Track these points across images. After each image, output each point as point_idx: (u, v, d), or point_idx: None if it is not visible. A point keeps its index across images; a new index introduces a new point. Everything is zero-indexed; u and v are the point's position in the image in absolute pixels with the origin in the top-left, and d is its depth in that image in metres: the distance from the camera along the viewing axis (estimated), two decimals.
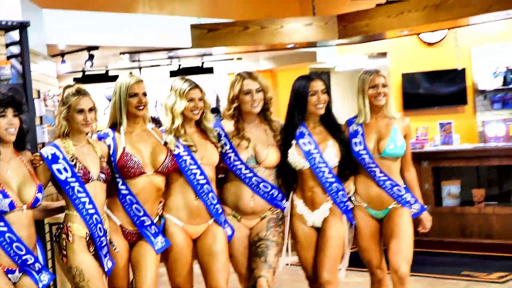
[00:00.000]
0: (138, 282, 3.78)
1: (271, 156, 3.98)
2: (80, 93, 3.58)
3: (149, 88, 3.89)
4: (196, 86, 3.93)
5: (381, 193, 4.02)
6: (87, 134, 3.64)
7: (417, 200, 4.12)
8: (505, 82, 9.90)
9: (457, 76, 9.98)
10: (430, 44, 10.25)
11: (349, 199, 4.11)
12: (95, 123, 3.64)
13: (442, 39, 10.09)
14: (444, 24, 7.94)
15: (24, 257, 3.27)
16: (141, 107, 3.78)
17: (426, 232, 4.26)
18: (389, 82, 4.11)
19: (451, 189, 7.91)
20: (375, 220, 4.11)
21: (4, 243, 3.20)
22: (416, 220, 4.15)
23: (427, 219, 4.18)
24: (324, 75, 11.75)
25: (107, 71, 10.41)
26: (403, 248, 3.97)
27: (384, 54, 10.56)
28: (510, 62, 9.87)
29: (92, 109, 3.58)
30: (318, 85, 4.01)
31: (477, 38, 9.89)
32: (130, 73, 3.91)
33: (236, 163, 3.94)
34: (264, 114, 4.10)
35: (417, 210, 4.10)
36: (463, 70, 9.92)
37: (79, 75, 9.77)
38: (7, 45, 6.15)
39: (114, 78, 10.44)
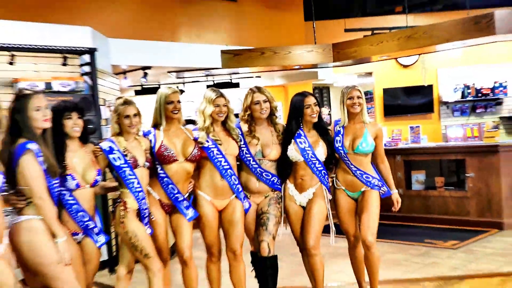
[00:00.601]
0: (178, 243, 3.84)
1: (274, 152, 4.00)
2: (126, 103, 3.65)
3: (191, 98, 3.89)
4: (222, 95, 3.93)
5: (354, 179, 4.06)
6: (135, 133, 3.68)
7: (384, 184, 4.12)
8: (463, 96, 9.98)
9: (426, 90, 10.03)
10: (405, 66, 10.31)
11: (333, 183, 4.17)
12: (140, 125, 3.70)
13: (414, 63, 10.16)
14: (413, 51, 7.96)
15: (86, 223, 3.37)
16: (176, 112, 3.82)
17: (400, 209, 4.35)
18: (363, 96, 4.10)
19: (418, 177, 7.93)
20: (352, 200, 4.14)
21: (72, 212, 3.32)
22: (390, 201, 4.18)
23: (397, 200, 4.19)
24: (324, 89, 11.81)
25: (159, 85, 10.50)
26: (370, 222, 4.00)
27: (370, 74, 10.60)
28: (467, 80, 9.92)
29: (137, 115, 3.64)
30: (311, 100, 4.02)
31: (442, 61, 9.93)
32: (169, 87, 3.95)
33: (247, 155, 3.97)
34: (271, 119, 4.10)
35: (384, 191, 4.12)
36: (431, 86, 9.97)
37: (138, 88, 9.85)
38: (81, 65, 6.30)
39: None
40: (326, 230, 4.12)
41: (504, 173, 6.93)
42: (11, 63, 5.65)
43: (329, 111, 11.36)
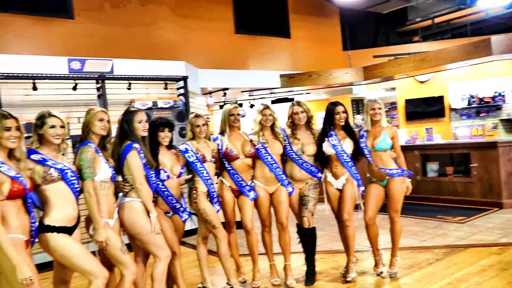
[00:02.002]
0: (243, 217, 3.80)
1: (311, 149, 3.89)
2: (197, 116, 3.63)
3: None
4: (267, 107, 3.86)
5: (378, 171, 3.87)
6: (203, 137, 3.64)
7: (403, 171, 3.86)
8: (469, 103, 9.40)
9: (438, 100, 9.49)
10: (421, 82, 9.78)
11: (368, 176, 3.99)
12: (208, 131, 3.67)
13: (429, 79, 9.62)
14: (425, 70, 7.64)
15: (174, 204, 3.37)
16: (236, 122, 3.79)
17: (417, 191, 4.13)
18: (382, 106, 3.90)
19: (432, 167, 7.49)
20: (382, 187, 3.90)
21: (165, 196, 3.32)
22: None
23: (409, 186, 3.92)
24: (360, 101, 11.46)
25: (236, 101, 10.60)
26: (393, 202, 3.85)
27: (394, 88, 10.16)
28: (471, 91, 9.33)
29: (205, 124, 3.60)
30: (340, 108, 3.88)
31: (451, 77, 9.38)
32: (231, 103, 3.91)
33: (290, 152, 3.87)
34: (308, 125, 3.98)
35: (406, 174, 3.88)
36: (442, 97, 9.42)
37: (221, 103, 9.96)
38: (177, 89, 6.41)
39: (240, 105, 10.67)
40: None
41: (502, 163, 6.46)
42: (128, 88, 5.82)
43: (362, 118, 11.00)
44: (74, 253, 2.56)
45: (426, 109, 9.73)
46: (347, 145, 3.88)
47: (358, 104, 11.12)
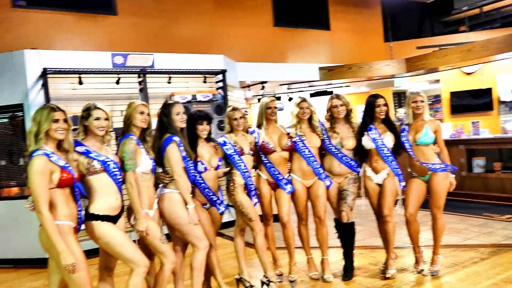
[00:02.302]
0: (279, 211, 3.80)
1: (350, 142, 3.83)
2: (234, 109, 3.64)
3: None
4: (304, 100, 3.82)
5: (420, 166, 3.75)
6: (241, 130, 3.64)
7: (447, 165, 3.73)
8: None
9: (485, 93, 9.07)
10: (468, 74, 9.36)
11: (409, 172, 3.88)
12: (246, 124, 3.66)
13: (476, 71, 9.20)
14: (472, 61, 7.30)
15: (211, 196, 3.39)
16: (273, 115, 3.78)
17: (462, 188, 3.93)
18: (425, 99, 3.77)
19: (478, 162, 7.19)
20: (424, 183, 3.81)
21: (202, 188, 3.34)
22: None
23: (452, 182, 3.79)
24: (402, 94, 11.16)
25: (274, 95, 10.57)
26: (435, 199, 3.73)
27: (438, 81, 9.80)
28: None
29: (242, 117, 3.60)
30: (381, 101, 3.79)
31: (500, 68, 8.92)
32: (268, 96, 3.89)
33: (329, 145, 3.83)
34: (347, 118, 3.92)
35: (450, 169, 3.75)
36: (490, 89, 8.99)
37: (259, 96, 9.95)
38: (216, 82, 6.47)
39: (279, 98, 10.64)
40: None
41: None
42: (169, 82, 5.94)
43: (405, 111, 10.69)
44: (117, 241, 2.65)
45: (473, 102, 9.31)
46: (388, 139, 3.79)
47: (400, 97, 10.83)
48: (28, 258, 5.25)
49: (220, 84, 6.35)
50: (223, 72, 6.28)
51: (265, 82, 8.64)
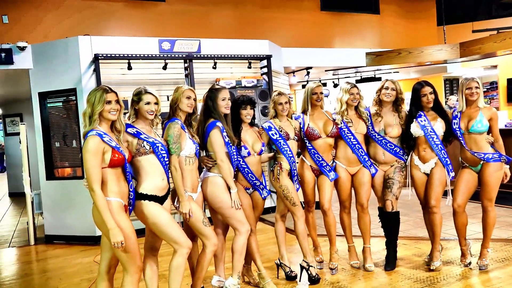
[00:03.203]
0: (321, 197, 3.76)
1: (395, 130, 3.73)
2: (279, 94, 3.62)
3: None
4: (355, 86, 3.76)
5: (472, 155, 3.60)
6: (286, 115, 3.64)
7: (501, 155, 3.56)
8: None
9: None
10: None
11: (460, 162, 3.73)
12: (291, 110, 3.64)
13: None
14: None
15: (254, 181, 3.40)
16: (319, 100, 3.72)
17: None
18: (481, 85, 3.59)
19: None
20: (476, 173, 3.64)
21: (245, 173, 3.37)
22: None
23: (507, 173, 3.61)
24: (454, 81, 10.69)
25: (320, 80, 10.43)
26: (486, 190, 3.58)
27: (495, 66, 9.30)
28: None
29: (287, 102, 3.59)
30: (427, 90, 3.64)
31: None
32: (314, 82, 3.85)
33: (372, 132, 3.76)
34: (396, 106, 3.82)
35: (504, 160, 3.57)
36: None
37: (304, 83, 9.87)
38: (261, 68, 6.47)
39: (324, 84, 10.49)
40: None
41: None
42: (214, 68, 6.01)
43: (457, 99, 10.25)
44: (163, 222, 2.73)
45: None
46: (438, 126, 3.65)
47: (453, 84, 10.38)
48: (79, 235, 5.56)
49: (265, 70, 6.35)
50: (268, 57, 6.27)
51: (310, 68, 8.54)
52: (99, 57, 5.34)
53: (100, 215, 2.47)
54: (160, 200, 2.78)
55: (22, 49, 5.62)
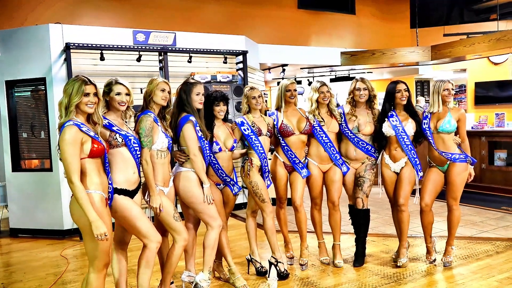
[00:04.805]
0: (293, 194, 3.79)
1: (368, 128, 3.79)
2: (252, 88, 3.62)
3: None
4: (324, 84, 3.78)
5: (439, 155, 3.69)
6: (260, 111, 3.64)
7: (467, 156, 3.67)
8: None
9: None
10: (496, 64, 9.07)
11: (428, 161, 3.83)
12: (264, 104, 3.64)
13: (504, 61, 8.91)
14: (502, 51, 7.06)
15: (224, 177, 3.40)
16: (292, 97, 3.74)
17: (482, 180, 3.79)
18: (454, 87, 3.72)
19: (500, 155, 7.05)
20: (442, 173, 3.74)
21: (215, 168, 3.35)
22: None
23: (471, 173, 3.73)
24: (425, 82, 10.95)
25: (295, 78, 10.48)
26: (452, 189, 3.69)
27: (464, 70, 9.55)
28: None
29: (260, 96, 3.59)
30: (402, 86, 3.72)
31: None
32: (288, 79, 3.86)
33: (346, 129, 3.80)
34: (370, 104, 3.87)
35: (470, 162, 3.68)
36: None
37: (279, 80, 9.90)
38: (236, 63, 6.45)
39: (299, 82, 10.54)
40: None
41: None
42: (189, 61, 5.94)
43: (426, 100, 10.51)
44: (133, 215, 2.69)
45: (499, 93, 9.03)
46: (409, 127, 3.73)
47: (423, 86, 10.63)
48: (46, 229, 5.42)
49: (241, 66, 6.33)
50: (243, 53, 6.26)
51: (286, 65, 8.57)
52: (71, 46, 5.20)
53: (79, 209, 2.39)
54: (130, 194, 2.74)
55: None
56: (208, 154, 3.26)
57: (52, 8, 6.95)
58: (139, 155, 2.80)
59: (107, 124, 2.71)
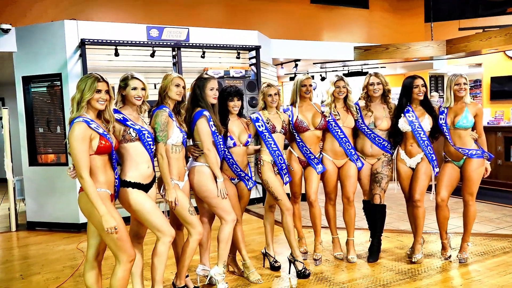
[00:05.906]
0: (307, 189, 3.77)
1: (384, 123, 3.75)
2: (269, 85, 3.60)
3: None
4: (341, 78, 3.74)
5: (455, 150, 3.65)
6: (275, 107, 3.61)
7: (484, 152, 3.62)
8: None
9: None
10: None
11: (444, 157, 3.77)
12: (280, 101, 3.62)
13: None
14: None
15: (239, 172, 3.39)
16: (308, 93, 3.71)
17: (498, 177, 3.72)
18: (468, 82, 3.62)
19: None
20: (458, 168, 3.70)
21: (230, 163, 3.35)
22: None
23: (487, 169, 3.67)
24: (439, 77, 10.81)
25: (307, 73, 10.38)
26: (467, 185, 3.64)
27: (479, 64, 9.42)
28: None
29: (277, 94, 3.57)
30: (419, 81, 3.67)
31: None
32: (304, 74, 3.82)
33: (362, 125, 3.77)
34: (385, 98, 3.83)
35: (487, 157, 3.64)
36: None
37: (292, 75, 9.86)
38: (249, 58, 6.43)
39: (312, 77, 10.47)
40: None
41: None
42: (202, 57, 5.95)
43: (440, 95, 10.37)
44: (147, 209, 2.71)
45: None
46: (426, 122, 3.68)
47: (437, 81, 10.50)
48: (62, 222, 5.49)
49: (253, 61, 6.32)
50: (256, 48, 6.24)
51: (298, 60, 8.53)
52: (86, 42, 5.24)
53: (88, 203, 2.43)
54: (144, 188, 2.75)
55: (6, 31, 5.47)
56: (222, 149, 3.26)
57: (64, 3, 7.00)
58: (153, 149, 2.81)
59: (121, 118, 2.73)
